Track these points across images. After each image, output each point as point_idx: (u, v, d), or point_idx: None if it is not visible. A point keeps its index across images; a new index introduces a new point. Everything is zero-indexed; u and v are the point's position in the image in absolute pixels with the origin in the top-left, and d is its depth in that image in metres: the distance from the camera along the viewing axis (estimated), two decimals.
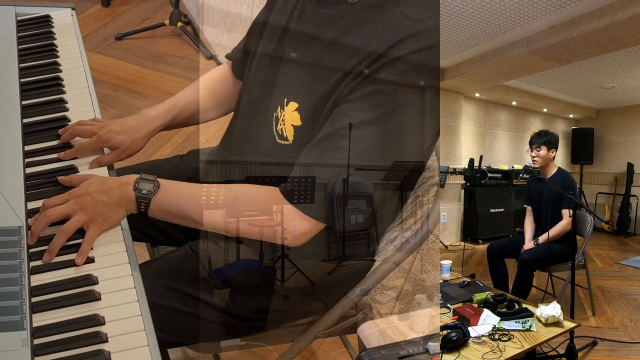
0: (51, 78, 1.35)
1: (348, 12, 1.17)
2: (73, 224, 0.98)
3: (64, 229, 0.97)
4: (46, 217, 0.98)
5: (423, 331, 1.41)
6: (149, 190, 1.05)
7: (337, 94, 1.14)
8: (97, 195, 1.01)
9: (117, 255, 0.97)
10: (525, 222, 3.32)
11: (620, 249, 4.49)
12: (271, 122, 1.23)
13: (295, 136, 1.19)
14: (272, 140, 1.22)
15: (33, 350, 0.80)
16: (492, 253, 3.29)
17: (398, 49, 1.11)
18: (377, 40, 1.13)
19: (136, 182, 1.05)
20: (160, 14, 3.55)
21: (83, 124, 1.21)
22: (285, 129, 1.20)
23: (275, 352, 1.42)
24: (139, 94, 3.09)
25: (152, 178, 1.06)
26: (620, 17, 3.07)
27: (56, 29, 1.52)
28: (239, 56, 1.44)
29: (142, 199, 1.04)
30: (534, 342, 2.19)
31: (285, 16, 1.28)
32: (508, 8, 3.24)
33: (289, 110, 1.20)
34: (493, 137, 5.17)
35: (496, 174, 4.68)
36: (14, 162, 1.10)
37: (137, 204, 1.04)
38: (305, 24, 1.24)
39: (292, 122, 1.19)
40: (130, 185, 1.05)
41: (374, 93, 1.12)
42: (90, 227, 0.99)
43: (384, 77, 1.11)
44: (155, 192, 1.05)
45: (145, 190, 1.05)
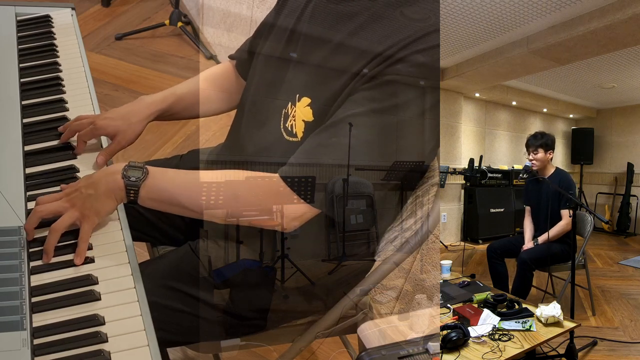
0: (51, 78, 1.35)
1: (365, 9, 1.16)
2: (64, 221, 0.97)
3: (55, 227, 0.96)
4: (36, 213, 0.97)
5: (423, 331, 1.41)
6: (138, 177, 1.03)
7: (349, 89, 1.13)
8: (84, 189, 1.00)
9: (117, 255, 0.97)
10: (525, 222, 3.32)
11: (620, 249, 4.49)
12: (279, 119, 1.22)
13: (305, 132, 1.17)
14: (279, 137, 1.21)
15: (33, 350, 0.80)
16: (492, 253, 3.29)
17: (413, 46, 1.10)
18: (392, 38, 1.12)
19: (124, 170, 1.03)
20: (160, 14, 3.55)
21: (80, 119, 1.21)
22: (295, 125, 1.19)
23: (275, 352, 1.42)
24: (139, 94, 3.07)
25: (140, 165, 1.05)
26: (620, 17, 3.07)
27: (56, 29, 1.52)
28: (245, 57, 1.43)
29: (131, 187, 1.02)
30: (534, 342, 2.19)
31: (296, 14, 1.27)
32: (508, 8, 3.24)
33: (301, 105, 1.18)
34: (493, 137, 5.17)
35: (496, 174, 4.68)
36: (14, 162, 1.10)
37: (126, 192, 1.03)
38: (318, 22, 1.22)
39: (303, 117, 1.18)
40: (118, 173, 1.03)
41: (385, 86, 1.11)
42: (83, 224, 0.98)
43: (395, 74, 1.10)
44: (144, 179, 1.03)
45: (133, 177, 1.03)
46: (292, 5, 1.30)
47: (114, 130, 1.20)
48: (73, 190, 1.01)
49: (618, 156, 5.00)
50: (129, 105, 1.28)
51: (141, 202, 1.05)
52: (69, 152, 1.17)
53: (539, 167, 3.19)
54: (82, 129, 1.19)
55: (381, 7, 1.16)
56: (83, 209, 0.99)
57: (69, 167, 1.12)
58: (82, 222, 0.98)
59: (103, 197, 1.01)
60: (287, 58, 1.25)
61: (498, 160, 5.09)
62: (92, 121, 1.19)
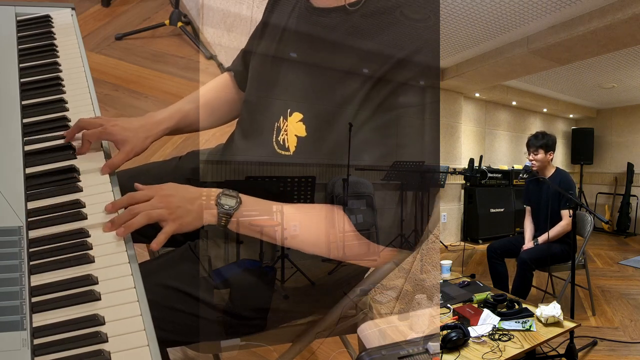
0: (51, 78, 1.34)
1: (347, 21, 1.16)
2: (156, 213, 1.02)
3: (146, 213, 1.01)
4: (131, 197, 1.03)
5: (423, 331, 1.41)
6: (231, 207, 1.08)
7: (352, 111, 1.14)
8: (183, 201, 1.06)
9: (117, 255, 0.97)
10: (525, 222, 3.33)
11: (620, 249, 4.50)
12: (272, 132, 1.23)
13: (297, 147, 1.19)
14: (271, 150, 1.23)
15: (33, 350, 0.80)
16: (492, 253, 3.29)
17: (403, 55, 1.10)
18: (380, 48, 1.12)
19: (218, 197, 1.08)
20: (160, 14, 3.55)
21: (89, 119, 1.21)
22: (287, 140, 1.20)
23: (275, 352, 1.41)
24: (139, 94, 3.09)
25: (234, 194, 1.09)
26: (620, 17, 3.07)
27: (56, 29, 1.52)
28: (240, 69, 1.45)
29: (223, 215, 1.07)
30: (534, 342, 2.19)
31: (279, 29, 1.28)
32: (508, 8, 3.24)
33: (293, 120, 1.19)
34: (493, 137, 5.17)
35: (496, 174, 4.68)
36: (14, 162, 1.10)
37: (218, 219, 1.07)
38: (302, 35, 1.23)
39: (296, 132, 1.19)
40: (213, 198, 1.08)
41: (402, 113, 1.13)
42: (169, 224, 1.03)
43: (407, 95, 1.12)
44: (237, 209, 1.08)
45: (227, 205, 1.08)
46: (276, 20, 1.31)
47: (122, 139, 1.21)
48: (169, 194, 1.06)
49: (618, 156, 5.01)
50: (139, 119, 1.29)
51: (231, 228, 1.09)
52: (69, 152, 1.16)
53: (539, 167, 3.19)
54: (90, 127, 1.18)
55: (358, 20, 1.16)
56: (175, 216, 1.04)
57: (69, 167, 1.12)
58: (169, 223, 1.03)
59: (195, 214, 1.06)
60: (277, 73, 1.26)
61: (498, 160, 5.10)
62: (102, 123, 1.19)
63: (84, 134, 1.16)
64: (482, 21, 3.47)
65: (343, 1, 1.17)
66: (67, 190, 1.07)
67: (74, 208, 1.03)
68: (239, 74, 1.45)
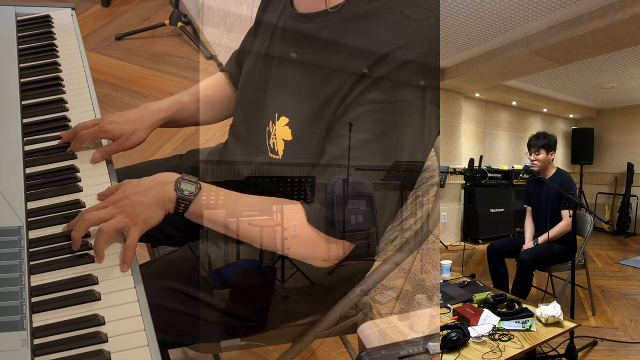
0: (51, 78, 1.34)
1: (329, 25, 1.17)
2: (113, 223, 0.96)
3: (104, 228, 0.95)
4: (84, 220, 0.95)
5: (423, 331, 1.41)
6: (191, 192, 1.04)
7: (331, 109, 1.13)
8: (134, 196, 1.00)
9: (117, 255, 0.97)
10: (526, 222, 3.33)
11: (620, 249, 4.50)
12: (264, 136, 1.24)
13: (285, 151, 1.19)
14: (264, 154, 1.23)
15: (33, 350, 0.80)
16: (492, 253, 3.29)
17: (384, 52, 1.10)
18: (365, 50, 1.12)
19: (177, 182, 1.04)
20: (160, 14, 3.56)
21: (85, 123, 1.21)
22: (276, 144, 1.20)
23: (275, 352, 1.41)
24: (139, 94, 3.09)
25: (194, 179, 1.05)
26: (620, 17, 3.07)
27: (56, 29, 1.52)
28: (233, 70, 1.46)
29: (182, 200, 1.03)
30: (534, 342, 2.19)
31: (268, 34, 1.28)
32: (508, 8, 3.24)
33: (280, 125, 1.20)
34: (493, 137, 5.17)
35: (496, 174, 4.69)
36: (14, 162, 1.10)
37: (176, 204, 1.03)
38: (288, 41, 1.24)
39: (283, 136, 1.19)
40: (171, 184, 1.03)
41: (372, 109, 1.11)
42: (132, 230, 0.97)
43: (379, 90, 1.10)
44: (197, 194, 1.04)
45: (187, 191, 1.04)
46: (266, 24, 1.31)
47: (119, 134, 1.21)
48: (121, 198, 1.00)
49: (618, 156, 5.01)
50: (136, 111, 1.28)
51: (187, 216, 1.05)
52: (69, 152, 1.17)
53: (540, 167, 3.19)
54: (87, 129, 1.18)
55: (344, 24, 1.16)
56: (133, 216, 0.98)
57: (69, 167, 1.12)
58: (131, 228, 0.98)
59: (153, 206, 1.01)
60: (266, 77, 1.26)
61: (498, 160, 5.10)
62: (97, 123, 1.19)
63: (81, 134, 1.16)
64: (482, 21, 3.47)
65: (325, 5, 1.17)
66: (67, 190, 1.07)
67: (74, 208, 1.03)
68: (234, 75, 1.46)
